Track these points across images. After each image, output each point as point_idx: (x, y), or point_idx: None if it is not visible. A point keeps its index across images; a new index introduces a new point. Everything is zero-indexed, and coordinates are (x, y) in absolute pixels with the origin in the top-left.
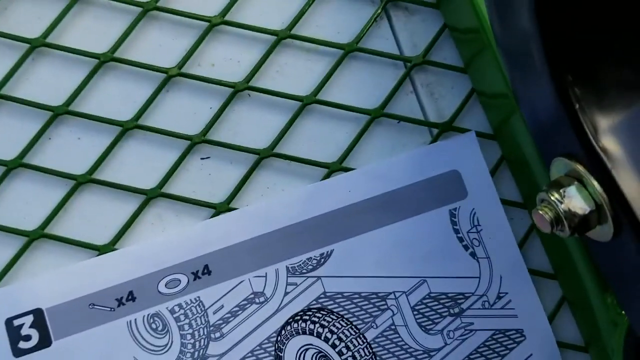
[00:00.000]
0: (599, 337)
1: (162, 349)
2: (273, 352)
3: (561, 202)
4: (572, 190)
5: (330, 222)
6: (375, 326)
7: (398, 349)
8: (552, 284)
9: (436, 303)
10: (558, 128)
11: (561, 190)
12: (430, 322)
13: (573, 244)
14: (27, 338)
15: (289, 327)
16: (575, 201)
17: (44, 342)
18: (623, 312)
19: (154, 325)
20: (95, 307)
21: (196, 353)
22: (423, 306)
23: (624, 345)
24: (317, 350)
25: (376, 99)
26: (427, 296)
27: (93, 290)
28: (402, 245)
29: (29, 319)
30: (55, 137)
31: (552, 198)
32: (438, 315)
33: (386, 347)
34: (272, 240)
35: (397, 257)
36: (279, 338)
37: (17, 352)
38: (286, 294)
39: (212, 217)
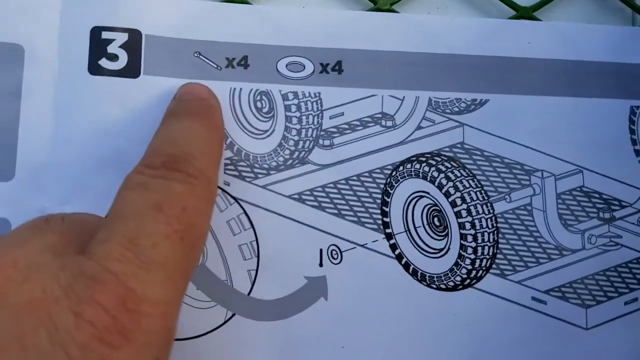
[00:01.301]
0: None
1: (259, 134)
2: (382, 186)
3: None
4: None
5: (495, 68)
6: (508, 199)
7: (527, 234)
8: None
9: (586, 200)
10: None
11: None
12: (573, 218)
13: None
14: (113, 57)
15: (409, 165)
16: None
17: (132, 70)
18: None
19: (259, 104)
20: (200, 57)
21: (296, 153)
22: (571, 198)
23: None
24: (431, 203)
25: None
26: (578, 189)
27: (203, 37)
28: (568, 125)
29: (122, 37)
30: None
31: None
32: (584, 214)
33: (514, 226)
34: (424, 63)
35: (558, 135)
36: (394, 173)
37: (95, 69)
38: (419, 127)
39: (367, 10)
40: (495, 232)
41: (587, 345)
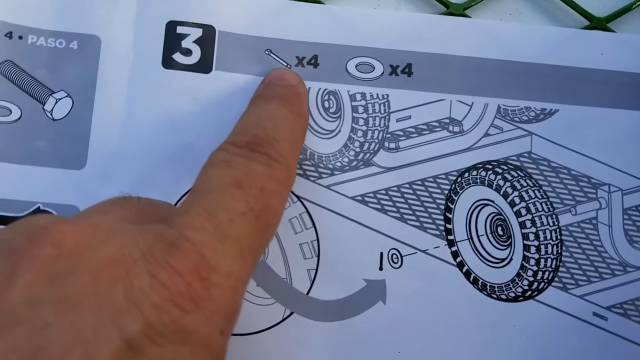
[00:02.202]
0: None
1: (326, 134)
2: (446, 192)
3: None
4: None
5: (566, 78)
6: (574, 212)
7: (591, 248)
8: None
9: None
10: None
11: None
12: (639, 235)
13: None
14: (187, 52)
15: (475, 172)
16: None
17: (204, 65)
18: None
19: (326, 104)
20: (271, 54)
21: (361, 155)
22: (637, 214)
23: None
24: (495, 212)
25: None
26: None
27: (274, 35)
28: (637, 139)
29: (197, 32)
30: None
31: None
32: None
33: (578, 240)
34: (494, 69)
35: (627, 149)
36: (459, 179)
37: (169, 63)
38: (486, 135)
39: (439, 14)
40: (559, 244)
41: None
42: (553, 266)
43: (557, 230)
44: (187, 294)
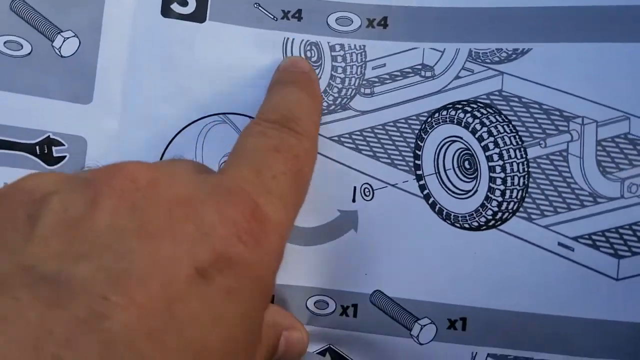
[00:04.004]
0: None
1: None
2: (417, 131)
3: None
4: None
5: (537, 17)
6: (543, 145)
7: (560, 179)
8: None
9: (631, 147)
10: None
11: None
12: (613, 166)
13: None
14: (184, 2)
15: (444, 112)
16: None
17: (199, 15)
18: None
19: (308, 54)
20: (259, 8)
21: (339, 100)
22: (613, 145)
23: None
24: (463, 147)
25: None
26: (622, 136)
27: None
28: (616, 70)
29: None
30: None
31: None
32: (627, 162)
33: (547, 171)
34: (466, 16)
35: (604, 81)
36: (429, 119)
37: (167, 11)
38: (457, 77)
39: None
40: (526, 176)
41: (617, 297)
42: (518, 197)
43: (525, 162)
44: (249, 230)
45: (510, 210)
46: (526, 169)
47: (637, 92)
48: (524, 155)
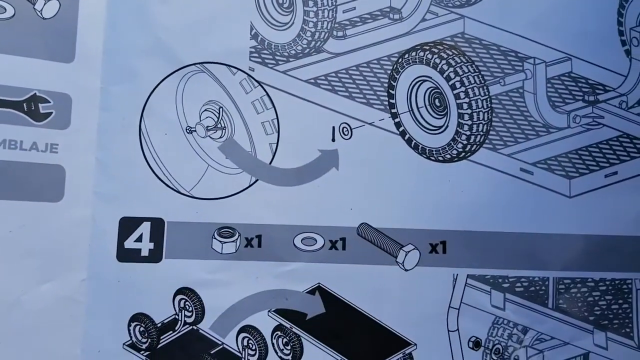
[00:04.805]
0: None
1: (280, 26)
2: (389, 72)
3: None
4: None
5: None
6: (503, 83)
7: (518, 113)
8: None
9: (573, 84)
10: None
11: None
12: (560, 100)
13: None
14: None
15: (414, 53)
16: None
17: None
18: None
19: (280, 0)
20: None
21: (313, 43)
22: (559, 82)
23: None
24: (433, 86)
25: None
26: (567, 74)
27: None
28: (560, 15)
29: None
30: None
31: None
32: (571, 97)
33: (506, 106)
34: None
35: (551, 25)
36: (400, 60)
37: None
38: (423, 20)
39: None
40: (490, 111)
41: (571, 212)
42: (484, 130)
43: (488, 99)
44: None
45: (478, 143)
46: (489, 105)
47: (577, 36)
48: (486, 93)
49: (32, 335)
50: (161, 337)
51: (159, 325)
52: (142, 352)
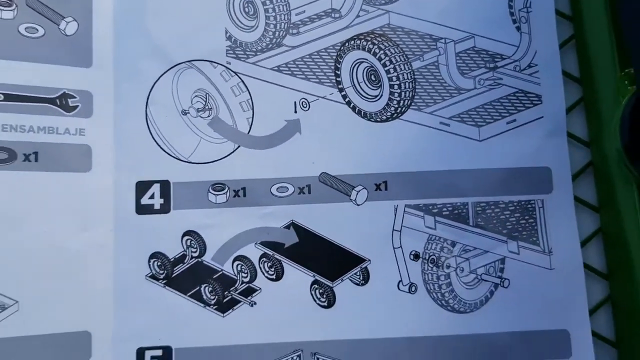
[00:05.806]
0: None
1: (248, 29)
2: (334, 57)
3: None
4: None
5: None
6: (422, 59)
7: (436, 81)
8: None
9: (477, 55)
10: None
11: None
12: (467, 68)
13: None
14: None
15: (352, 42)
16: None
17: None
18: None
19: (246, 9)
20: None
21: (274, 39)
22: (465, 55)
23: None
24: (369, 65)
25: None
26: (471, 49)
27: None
28: (464, 4)
29: None
30: None
31: None
32: (475, 65)
33: (426, 77)
34: None
35: (457, 13)
36: (342, 47)
37: None
38: (358, 16)
39: None
40: (413, 81)
41: (481, 152)
42: (410, 96)
43: (411, 72)
44: None
45: (406, 105)
46: (413, 77)
47: (477, 19)
48: (410, 68)
49: (75, 272)
50: (174, 269)
51: (172, 259)
52: (160, 280)
